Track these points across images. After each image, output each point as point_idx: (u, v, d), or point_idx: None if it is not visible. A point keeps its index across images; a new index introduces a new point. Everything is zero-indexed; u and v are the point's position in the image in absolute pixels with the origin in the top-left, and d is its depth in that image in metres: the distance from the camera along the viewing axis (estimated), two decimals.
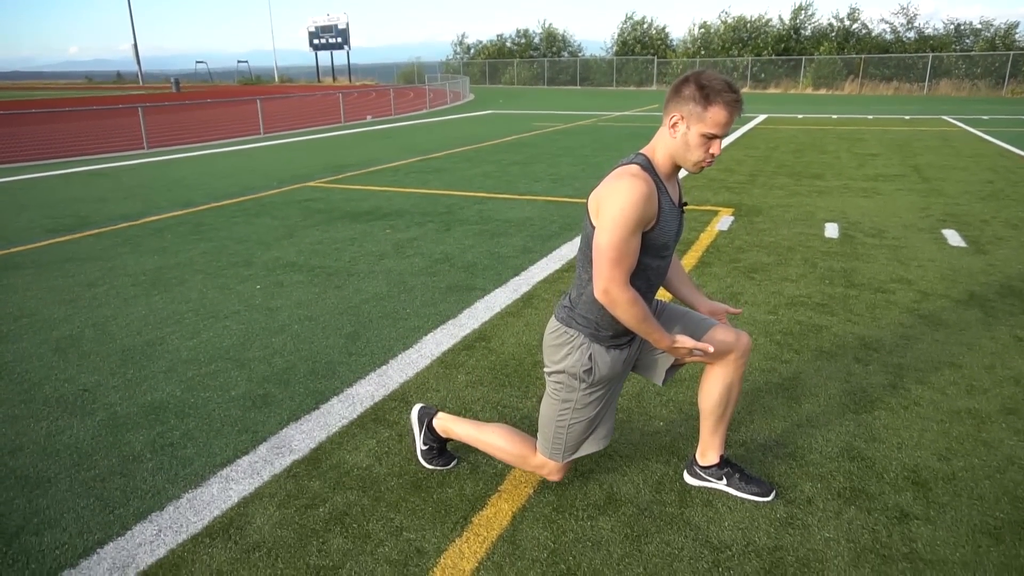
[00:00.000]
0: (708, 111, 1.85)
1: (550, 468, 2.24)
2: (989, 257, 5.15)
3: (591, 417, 2.14)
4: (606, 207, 1.90)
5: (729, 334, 2.18)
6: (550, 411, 2.17)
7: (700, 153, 1.91)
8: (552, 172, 9.67)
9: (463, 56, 57.98)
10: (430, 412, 2.49)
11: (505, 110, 24.40)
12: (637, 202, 1.86)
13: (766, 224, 6.28)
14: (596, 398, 2.13)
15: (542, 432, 2.21)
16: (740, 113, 1.90)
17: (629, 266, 1.91)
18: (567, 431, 2.15)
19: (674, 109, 1.91)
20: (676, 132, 1.92)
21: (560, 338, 2.11)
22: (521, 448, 2.26)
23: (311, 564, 2.01)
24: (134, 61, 69.57)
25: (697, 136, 1.89)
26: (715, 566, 1.99)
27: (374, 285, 4.61)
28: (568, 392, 2.12)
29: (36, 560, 2.04)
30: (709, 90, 1.84)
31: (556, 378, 2.14)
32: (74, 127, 18.71)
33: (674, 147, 1.94)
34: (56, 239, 6.03)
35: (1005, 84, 34.77)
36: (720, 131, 1.88)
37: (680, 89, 1.90)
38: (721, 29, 44.96)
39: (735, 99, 1.85)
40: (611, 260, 1.88)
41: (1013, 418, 2.80)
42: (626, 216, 1.86)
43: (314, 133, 16.61)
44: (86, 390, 3.12)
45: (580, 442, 2.18)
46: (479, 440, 2.33)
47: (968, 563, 2.00)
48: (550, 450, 2.20)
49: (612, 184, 1.91)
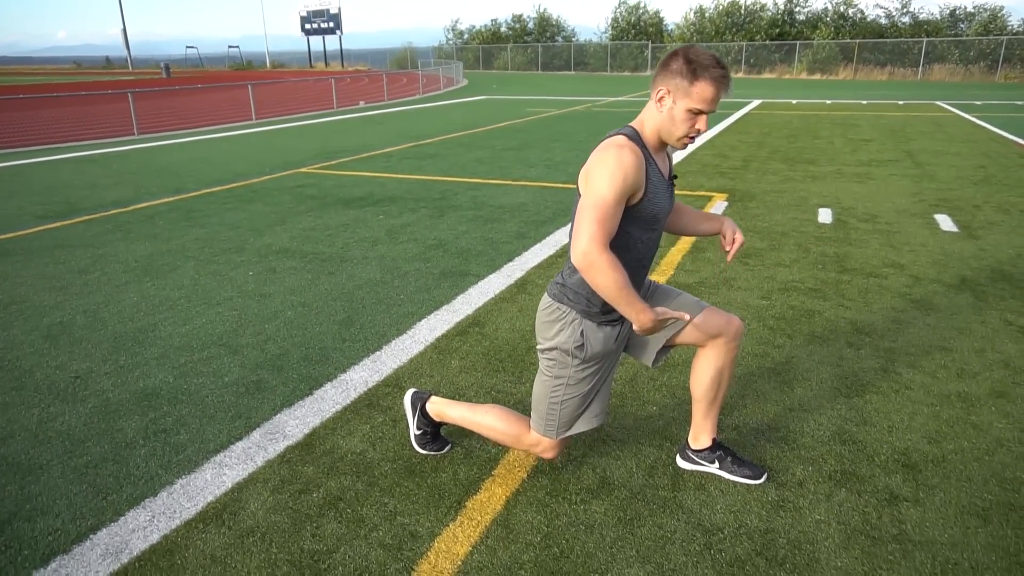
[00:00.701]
0: (695, 86, 1.85)
1: (544, 445, 2.23)
2: (980, 242, 5.17)
3: (584, 393, 2.14)
4: (593, 174, 1.89)
5: (720, 317, 2.18)
6: (543, 388, 2.17)
7: (685, 128, 1.91)
8: (546, 158, 9.64)
9: (455, 41, 57.57)
10: (423, 397, 2.49)
11: (499, 95, 24.27)
12: (623, 168, 1.86)
13: (760, 209, 6.29)
14: (589, 374, 2.12)
15: (536, 409, 2.21)
16: (727, 90, 1.89)
17: (610, 229, 1.88)
18: (560, 407, 2.15)
19: (661, 83, 1.91)
20: (663, 106, 1.91)
21: (552, 314, 2.10)
22: (515, 427, 2.26)
23: (305, 549, 2.02)
24: (123, 46, 68.80)
25: (683, 111, 1.89)
26: (707, 548, 2.01)
27: (367, 271, 4.59)
28: (561, 368, 2.12)
29: (29, 546, 2.04)
30: (696, 65, 1.84)
31: (549, 355, 2.13)
32: (63, 113, 18.52)
33: (660, 121, 1.93)
34: (46, 226, 5.98)
35: (998, 69, 34.80)
36: (706, 107, 1.87)
37: (668, 63, 1.89)
38: (716, 14, 44.75)
39: (722, 75, 1.85)
40: (594, 219, 1.85)
41: (1002, 401, 2.82)
42: (612, 181, 1.85)
43: (306, 119, 16.49)
44: (78, 377, 3.11)
45: (574, 419, 2.18)
46: (473, 421, 2.33)
47: (956, 544, 2.02)
48: (544, 427, 2.20)
49: (599, 154, 1.91)
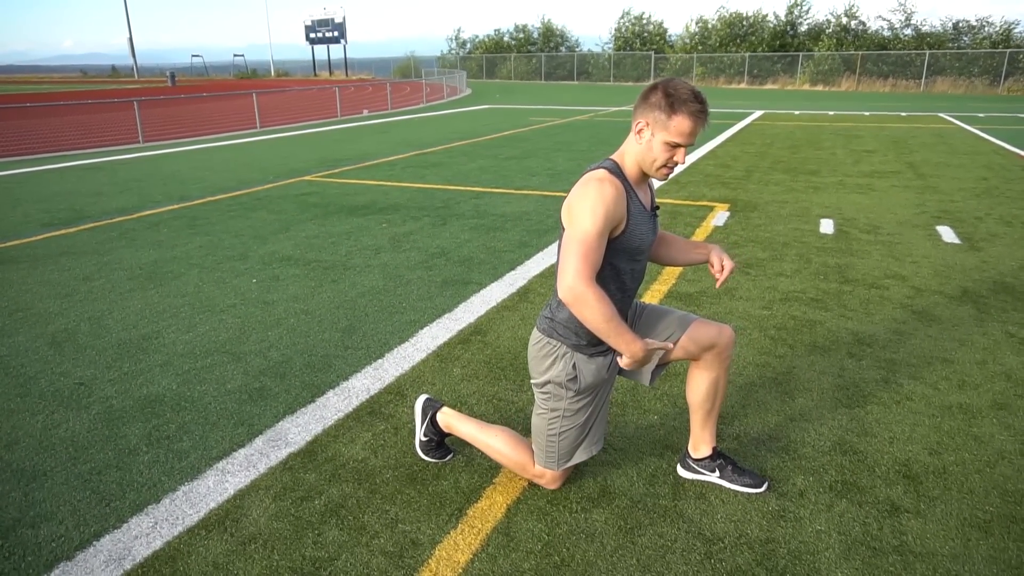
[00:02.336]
0: (672, 119, 1.88)
1: (548, 478, 2.28)
2: (983, 254, 5.18)
3: (581, 423, 2.17)
4: (575, 209, 1.93)
5: (711, 329, 2.20)
6: (541, 422, 2.20)
7: (663, 159, 1.94)
8: (548, 167, 9.67)
9: (458, 51, 57.83)
10: (435, 406, 2.50)
11: (502, 105, 24.36)
12: (604, 202, 1.89)
13: (761, 220, 6.30)
14: (583, 405, 2.16)
15: (536, 443, 2.25)
16: (704, 124, 1.91)
17: (595, 262, 1.91)
18: (559, 439, 2.19)
19: (640, 115, 1.94)
20: (641, 138, 1.95)
21: (543, 349, 2.14)
22: (523, 456, 2.28)
23: (307, 556, 2.03)
24: (129, 55, 69.20)
25: (661, 143, 1.92)
26: (707, 558, 2.01)
27: (370, 279, 4.61)
28: (556, 401, 2.15)
29: (32, 553, 2.05)
30: (675, 99, 1.87)
31: (543, 389, 2.17)
32: (69, 121, 18.63)
33: (639, 153, 1.97)
34: (51, 233, 6.02)
35: (1002, 82, 34.85)
36: (683, 140, 1.90)
37: (648, 96, 1.92)
38: (718, 25, 44.93)
39: (699, 109, 1.88)
40: (578, 254, 1.88)
41: (1004, 413, 2.83)
42: (594, 216, 1.89)
43: (310, 127, 16.57)
44: (82, 384, 3.13)
45: (573, 449, 2.21)
46: (481, 442, 2.35)
47: (957, 556, 2.02)
48: (545, 459, 2.24)
49: (580, 189, 1.95)
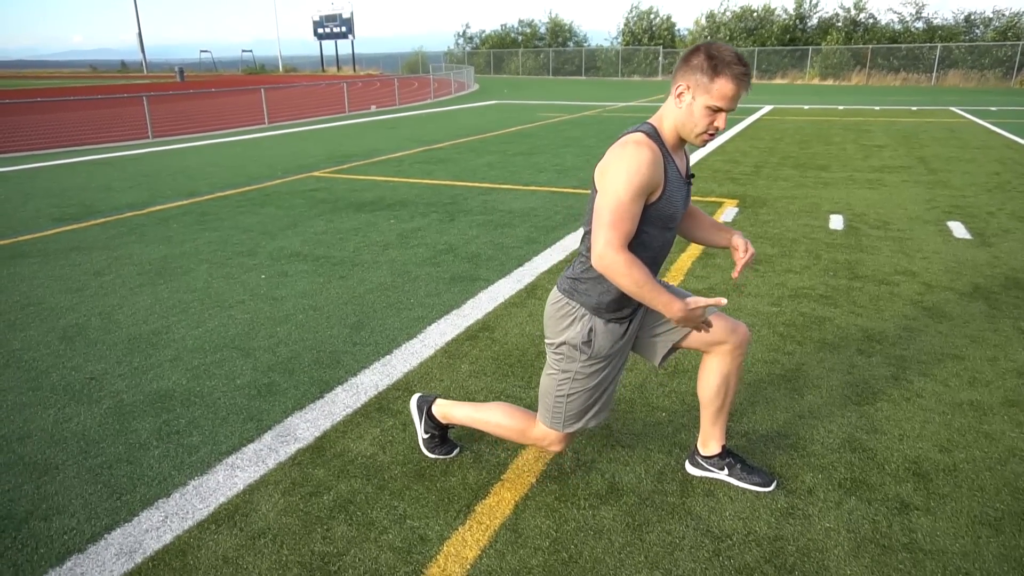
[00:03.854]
0: (715, 82, 1.82)
1: (551, 438, 2.23)
2: (994, 249, 5.14)
3: (590, 388, 2.13)
4: (609, 172, 1.87)
5: (726, 324, 2.17)
6: (550, 381, 2.17)
7: (703, 124, 1.88)
8: (556, 163, 9.65)
9: (465, 46, 57.74)
10: (428, 399, 2.50)
11: (510, 100, 24.32)
12: (641, 167, 1.83)
13: (770, 216, 6.27)
14: (595, 370, 2.12)
15: (542, 402, 2.21)
16: (747, 87, 1.84)
17: (628, 231, 1.87)
18: (567, 401, 2.15)
19: (681, 78, 1.88)
20: (682, 102, 1.89)
21: (562, 310, 2.10)
22: (520, 422, 2.27)
23: (315, 551, 2.04)
24: (138, 50, 69.49)
25: (702, 107, 1.85)
26: (716, 555, 2.01)
27: (378, 275, 4.62)
28: (569, 363, 2.12)
29: (45, 545, 2.07)
30: (717, 61, 1.81)
31: (557, 350, 2.14)
32: (79, 116, 18.73)
33: (679, 117, 1.91)
34: (62, 228, 6.06)
35: (1015, 75, 34.49)
36: (725, 104, 1.84)
37: (689, 58, 1.86)
38: (728, 18, 44.69)
39: (743, 72, 1.81)
40: (609, 223, 1.85)
41: (1015, 410, 2.81)
42: (629, 179, 1.83)
43: (318, 123, 16.60)
44: (93, 378, 3.15)
45: (581, 414, 2.17)
46: (478, 419, 2.34)
47: (968, 553, 2.01)
48: (550, 419, 2.19)
49: (616, 151, 1.89)
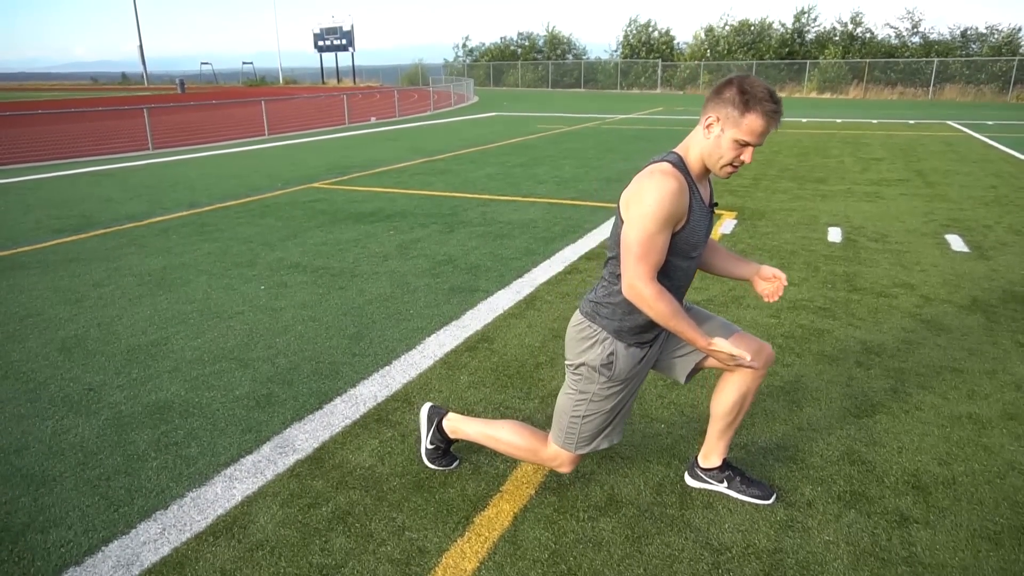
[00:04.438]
0: (745, 117, 1.83)
1: (562, 459, 2.24)
2: (992, 263, 5.15)
3: (607, 411, 2.14)
4: (635, 203, 1.89)
5: (752, 344, 2.16)
6: (567, 401, 2.18)
7: (730, 157, 1.90)
8: (555, 174, 9.69)
9: (465, 58, 58.07)
10: (440, 412, 2.50)
11: (509, 112, 24.43)
12: (667, 198, 1.85)
13: (769, 228, 6.29)
14: (613, 393, 2.13)
15: (557, 422, 2.22)
16: (777, 124, 1.86)
17: (656, 262, 1.91)
18: (582, 422, 2.16)
19: (711, 110, 1.89)
20: (710, 133, 1.90)
21: (583, 332, 2.12)
22: (532, 442, 2.27)
23: (314, 563, 2.03)
24: (139, 62, 69.78)
25: (730, 140, 1.87)
26: (715, 568, 2.00)
27: (378, 286, 4.63)
28: (587, 384, 2.12)
29: (41, 557, 2.06)
30: (749, 96, 1.82)
31: (577, 371, 2.15)
32: (80, 128, 18.79)
33: (706, 148, 1.92)
34: (62, 239, 6.06)
35: (1011, 90, 34.71)
36: (754, 139, 1.86)
37: (721, 91, 1.88)
38: (727, 31, 44.98)
39: (774, 109, 1.83)
40: (637, 256, 1.88)
41: (1014, 423, 2.81)
42: (655, 211, 1.85)
43: (318, 134, 16.66)
44: (91, 389, 3.15)
45: (594, 436, 2.18)
46: (490, 436, 2.34)
47: (967, 567, 2.00)
48: (563, 440, 2.20)
49: (642, 181, 1.91)
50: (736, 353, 1.98)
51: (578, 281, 4.73)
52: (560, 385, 3.15)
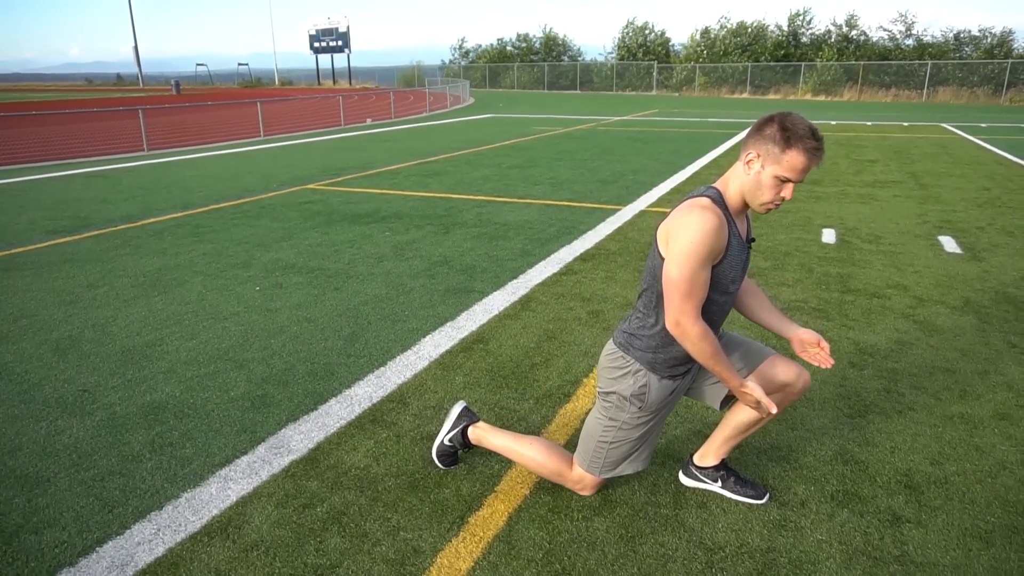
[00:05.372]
0: (786, 154, 1.83)
1: (586, 483, 2.27)
2: (985, 264, 5.18)
3: (635, 439, 2.16)
4: (676, 239, 1.89)
5: (790, 370, 2.13)
6: (596, 425, 2.19)
7: (770, 194, 1.90)
8: (551, 176, 9.70)
9: (461, 60, 58.10)
10: (472, 419, 2.47)
11: (505, 114, 24.45)
12: (707, 234, 1.85)
13: (763, 229, 6.31)
14: (643, 422, 2.14)
15: (583, 445, 2.23)
16: (819, 162, 1.86)
17: (700, 299, 1.92)
18: (609, 448, 2.17)
19: (752, 146, 1.90)
20: (750, 169, 1.90)
21: (616, 361, 2.13)
22: (558, 464, 2.28)
23: (309, 563, 2.03)
24: (134, 63, 69.65)
25: (771, 177, 1.87)
26: (709, 567, 2.01)
27: (373, 287, 4.63)
28: (618, 412, 2.14)
29: (35, 559, 2.06)
30: (791, 133, 1.83)
31: (607, 398, 2.16)
32: (74, 129, 18.74)
33: (746, 184, 1.92)
34: (56, 240, 6.05)
35: (1004, 92, 34.91)
36: (795, 176, 1.85)
37: (762, 127, 1.88)
38: (724, 34, 45.10)
39: (816, 147, 1.83)
40: (682, 293, 1.89)
41: (1005, 423, 2.83)
42: (696, 248, 1.86)
43: (314, 136, 16.64)
44: (86, 390, 3.14)
45: (620, 461, 2.20)
46: (516, 451, 2.33)
47: (959, 566, 2.02)
48: (589, 463, 2.22)
49: (682, 216, 1.91)
50: (764, 403, 1.99)
51: (573, 282, 4.74)
52: (555, 386, 3.16)
